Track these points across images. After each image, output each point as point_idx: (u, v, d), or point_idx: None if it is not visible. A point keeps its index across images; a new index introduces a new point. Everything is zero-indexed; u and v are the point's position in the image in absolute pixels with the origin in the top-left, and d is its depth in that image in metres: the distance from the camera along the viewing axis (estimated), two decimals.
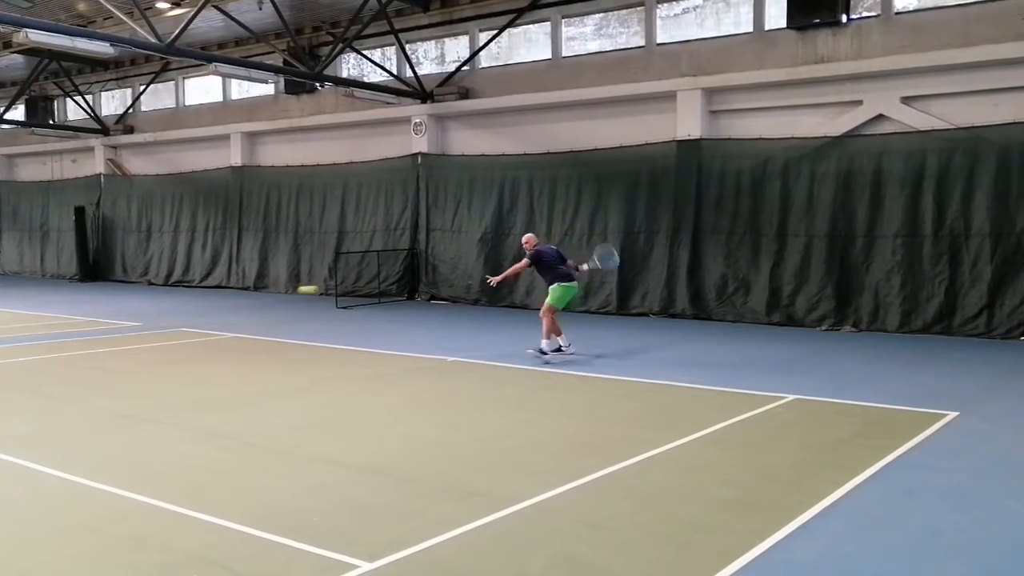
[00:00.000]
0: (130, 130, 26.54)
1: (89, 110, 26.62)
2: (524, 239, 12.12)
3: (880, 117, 14.33)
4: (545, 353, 11.40)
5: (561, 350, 11.49)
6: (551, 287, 11.67)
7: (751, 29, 15.70)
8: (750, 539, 4.86)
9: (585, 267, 12.12)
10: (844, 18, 14.50)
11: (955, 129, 13.55)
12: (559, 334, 11.59)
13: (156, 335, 14.13)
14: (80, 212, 26.56)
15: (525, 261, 11.84)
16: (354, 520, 5.27)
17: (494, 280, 12.24)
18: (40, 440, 7.38)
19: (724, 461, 6.59)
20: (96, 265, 26.91)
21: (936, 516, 5.35)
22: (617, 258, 12.57)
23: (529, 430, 7.70)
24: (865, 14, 14.60)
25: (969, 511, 5.46)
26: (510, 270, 12.22)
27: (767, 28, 15.48)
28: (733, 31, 15.97)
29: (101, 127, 26.61)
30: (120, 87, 27.14)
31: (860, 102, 14.51)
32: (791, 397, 8.79)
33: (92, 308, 18.41)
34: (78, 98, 26.64)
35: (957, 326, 13.28)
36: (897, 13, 14.35)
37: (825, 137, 14.65)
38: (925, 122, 13.87)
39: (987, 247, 13.18)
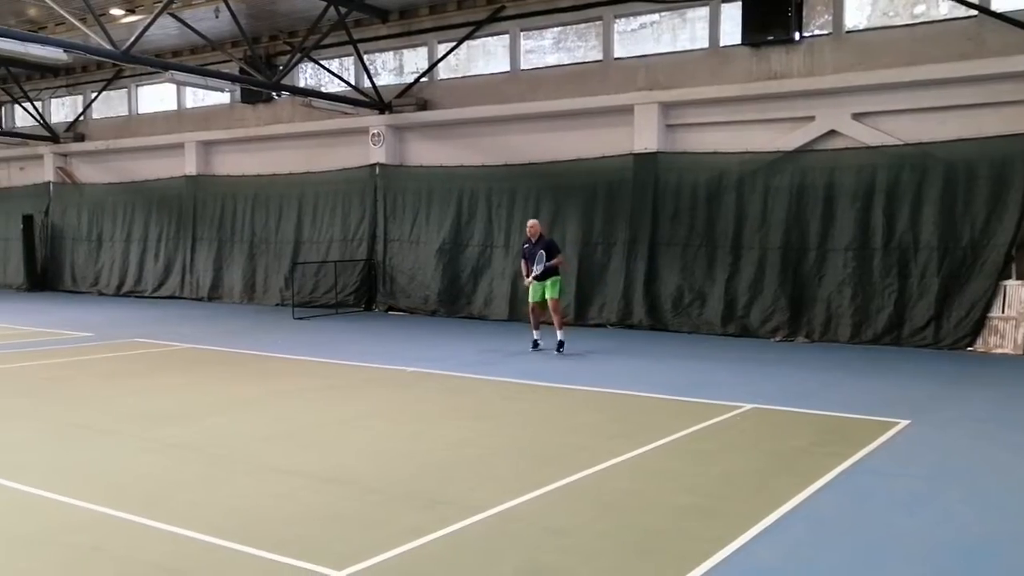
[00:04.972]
0: (81, 138, 26.05)
1: (38, 117, 26.09)
2: (530, 224, 13.01)
3: (832, 133, 14.66)
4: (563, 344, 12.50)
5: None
6: (555, 279, 12.65)
7: (707, 45, 15.96)
8: (712, 545, 4.94)
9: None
10: (797, 36, 14.83)
11: (903, 145, 13.91)
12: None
13: (109, 345, 13.87)
14: (28, 220, 25.99)
15: (561, 256, 12.86)
16: (319, 529, 5.24)
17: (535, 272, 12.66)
18: None
19: (685, 469, 6.68)
20: (44, 275, 26.31)
21: (891, 520, 5.48)
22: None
23: (491, 439, 7.72)
24: (817, 32, 14.94)
25: (922, 515, 5.62)
26: (557, 261, 12.81)
27: (722, 44, 15.75)
28: (689, 47, 16.21)
29: (51, 134, 26.07)
30: (71, 94, 26.65)
31: (812, 118, 14.83)
32: (749, 406, 8.93)
33: (41, 318, 18.02)
34: (27, 104, 26.10)
35: (906, 337, 13.59)
36: (848, 32, 14.71)
37: (778, 152, 14.94)
38: (875, 138, 14.22)
39: (934, 260, 13.52)
